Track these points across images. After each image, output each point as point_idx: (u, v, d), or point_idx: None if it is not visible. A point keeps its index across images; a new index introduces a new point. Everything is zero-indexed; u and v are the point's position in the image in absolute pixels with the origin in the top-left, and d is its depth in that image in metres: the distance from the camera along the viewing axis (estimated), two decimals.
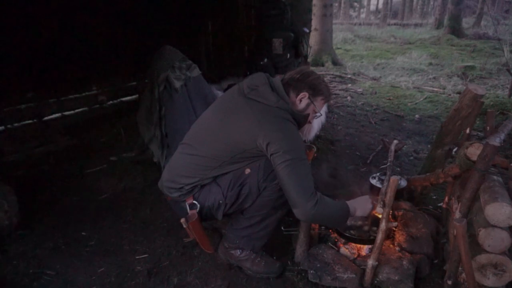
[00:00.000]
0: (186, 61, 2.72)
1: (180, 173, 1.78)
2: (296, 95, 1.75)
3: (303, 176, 1.57)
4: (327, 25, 8.23)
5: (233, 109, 1.70)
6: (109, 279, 1.93)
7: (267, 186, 1.73)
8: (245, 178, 1.73)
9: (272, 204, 1.78)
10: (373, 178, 2.40)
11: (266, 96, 1.65)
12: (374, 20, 20.14)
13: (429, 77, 6.94)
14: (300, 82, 1.74)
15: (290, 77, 1.77)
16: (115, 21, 3.90)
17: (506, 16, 15.42)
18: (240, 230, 1.90)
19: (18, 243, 2.18)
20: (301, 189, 1.56)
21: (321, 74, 1.88)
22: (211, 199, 1.76)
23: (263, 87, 1.68)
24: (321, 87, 1.78)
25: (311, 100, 1.76)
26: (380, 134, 4.07)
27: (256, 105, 1.64)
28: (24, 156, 3.25)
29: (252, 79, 1.75)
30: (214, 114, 1.82)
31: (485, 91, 2.17)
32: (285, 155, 1.55)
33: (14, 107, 3.46)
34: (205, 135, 1.77)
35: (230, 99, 1.77)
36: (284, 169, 1.55)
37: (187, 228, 1.76)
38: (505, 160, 1.73)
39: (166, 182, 1.84)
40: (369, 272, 1.77)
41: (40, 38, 3.39)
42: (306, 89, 1.74)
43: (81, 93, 4.02)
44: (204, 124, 1.83)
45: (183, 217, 1.74)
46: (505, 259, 1.41)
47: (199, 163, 1.74)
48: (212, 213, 1.81)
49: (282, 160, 1.55)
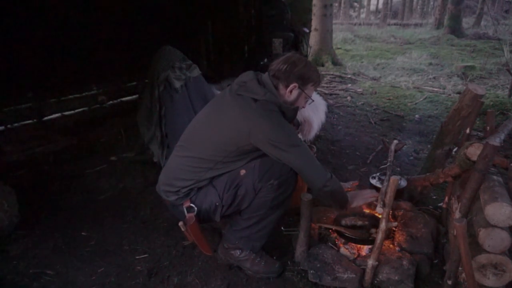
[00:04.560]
0: (186, 61, 2.73)
1: (176, 176, 1.78)
2: (286, 87, 1.75)
3: (306, 161, 1.69)
4: (327, 25, 8.22)
5: (222, 107, 1.74)
6: (109, 279, 1.93)
7: (262, 186, 1.73)
8: (240, 179, 1.73)
9: (269, 204, 1.78)
10: (373, 178, 2.40)
11: (253, 90, 1.68)
12: (374, 20, 20.13)
13: (429, 77, 6.94)
14: (287, 74, 1.72)
15: (277, 68, 1.74)
16: (115, 21, 3.89)
17: (506, 16, 15.42)
18: (239, 231, 1.90)
19: (18, 243, 2.18)
20: (312, 171, 1.71)
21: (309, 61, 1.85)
22: (208, 202, 1.77)
23: (250, 82, 1.71)
24: (309, 74, 1.76)
25: (302, 89, 1.77)
26: (380, 134, 4.06)
27: (244, 99, 1.67)
28: (24, 156, 3.24)
29: (241, 76, 1.78)
30: (205, 114, 1.84)
31: (485, 91, 2.17)
32: (282, 146, 1.63)
33: (14, 107, 3.46)
34: (197, 135, 1.79)
35: (221, 99, 1.80)
36: (290, 159, 1.67)
37: (185, 232, 1.76)
38: (505, 160, 1.73)
39: (163, 185, 1.85)
40: (369, 272, 1.77)
41: (40, 38, 3.38)
42: (295, 80, 1.74)
43: (81, 93, 4.02)
44: (197, 125, 1.85)
45: (181, 221, 1.75)
46: (505, 259, 1.41)
47: (193, 165, 1.75)
48: (210, 216, 1.81)
49: (282, 151, 1.64)
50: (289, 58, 1.76)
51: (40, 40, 3.39)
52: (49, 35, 3.44)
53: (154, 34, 3.97)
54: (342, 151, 3.57)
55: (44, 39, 3.42)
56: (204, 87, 2.82)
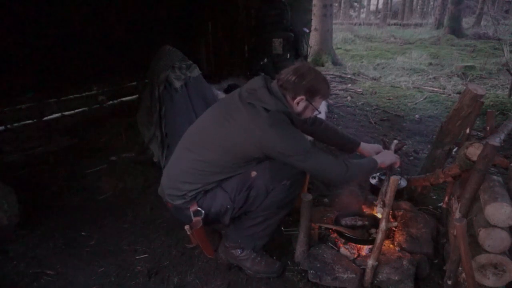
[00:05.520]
0: (186, 61, 2.73)
1: (182, 180, 1.75)
2: (293, 98, 1.71)
3: (323, 162, 1.70)
4: (327, 25, 8.22)
5: (232, 114, 1.68)
6: (109, 279, 1.93)
7: (275, 187, 1.72)
8: (252, 181, 1.72)
9: (277, 204, 1.78)
10: (373, 178, 2.40)
11: (264, 99, 1.64)
12: (374, 20, 20.12)
13: (429, 77, 6.93)
14: (296, 85, 1.69)
15: (286, 79, 1.70)
16: (115, 21, 3.90)
17: (506, 16, 15.40)
18: (243, 229, 1.89)
19: (18, 243, 2.18)
20: (329, 170, 1.72)
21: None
22: (218, 205, 1.75)
23: (261, 90, 1.66)
24: (318, 87, 1.73)
25: (309, 101, 1.74)
26: (380, 134, 4.06)
27: (255, 109, 1.63)
28: (24, 156, 3.24)
29: (250, 83, 1.74)
30: (213, 118, 1.79)
31: (485, 91, 2.17)
32: (296, 156, 1.63)
33: (14, 107, 3.46)
34: (205, 139, 1.75)
35: (229, 104, 1.74)
36: (305, 166, 1.69)
37: (191, 235, 1.75)
38: (505, 160, 1.73)
39: (167, 189, 1.81)
40: (369, 272, 1.77)
41: (40, 38, 3.39)
42: (303, 92, 1.70)
43: (81, 93, 4.03)
44: (203, 128, 1.80)
45: (186, 224, 1.73)
46: (505, 259, 1.41)
47: (200, 169, 1.72)
48: (219, 218, 1.80)
49: (296, 160, 1.65)
50: (299, 70, 1.71)
51: (40, 40, 3.39)
52: (49, 35, 3.45)
53: (154, 34, 3.97)
54: (344, 154, 3.56)
55: (44, 39, 3.42)
56: (204, 87, 2.82)
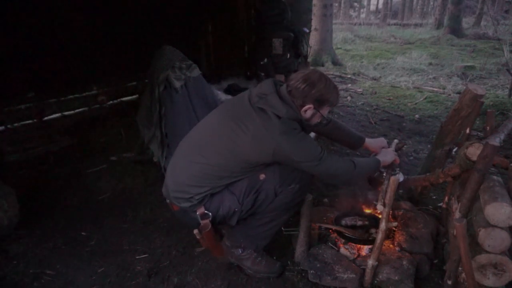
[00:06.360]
0: (186, 61, 2.73)
1: (188, 183, 1.72)
2: (301, 106, 1.68)
3: (333, 165, 1.70)
4: (327, 25, 8.22)
5: (242, 118, 1.65)
6: (109, 279, 1.93)
7: (283, 190, 1.72)
8: (260, 184, 1.71)
9: (284, 206, 1.78)
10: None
11: (275, 105, 1.61)
12: (374, 20, 20.11)
13: (429, 77, 6.93)
14: (305, 94, 1.65)
15: (295, 86, 1.66)
16: (115, 21, 3.90)
17: (506, 16, 15.39)
18: (248, 229, 1.88)
19: (18, 243, 2.18)
20: (340, 172, 1.73)
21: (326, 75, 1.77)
22: (226, 208, 1.74)
23: (271, 95, 1.64)
24: (327, 97, 1.69)
25: (317, 110, 1.71)
26: (380, 134, 4.06)
27: (267, 115, 1.61)
28: (24, 156, 3.24)
29: (260, 87, 1.71)
30: (222, 122, 1.73)
31: (485, 91, 2.17)
32: (308, 162, 1.63)
33: (14, 107, 3.46)
34: (214, 144, 1.71)
35: (239, 108, 1.70)
36: (316, 171, 1.69)
37: (200, 239, 1.75)
38: (505, 160, 1.73)
39: (173, 192, 1.78)
40: (369, 272, 1.77)
41: (40, 38, 3.39)
42: (312, 101, 1.67)
43: (81, 93, 4.03)
44: (212, 132, 1.76)
45: (193, 227, 1.73)
46: (505, 259, 1.41)
47: (208, 172, 1.70)
48: (226, 220, 1.80)
49: (308, 166, 1.65)
50: (309, 78, 1.66)
51: (40, 40, 3.39)
52: (49, 35, 3.45)
53: (155, 34, 3.97)
54: (342, 150, 3.56)
55: (44, 39, 3.42)
56: (204, 87, 2.82)
